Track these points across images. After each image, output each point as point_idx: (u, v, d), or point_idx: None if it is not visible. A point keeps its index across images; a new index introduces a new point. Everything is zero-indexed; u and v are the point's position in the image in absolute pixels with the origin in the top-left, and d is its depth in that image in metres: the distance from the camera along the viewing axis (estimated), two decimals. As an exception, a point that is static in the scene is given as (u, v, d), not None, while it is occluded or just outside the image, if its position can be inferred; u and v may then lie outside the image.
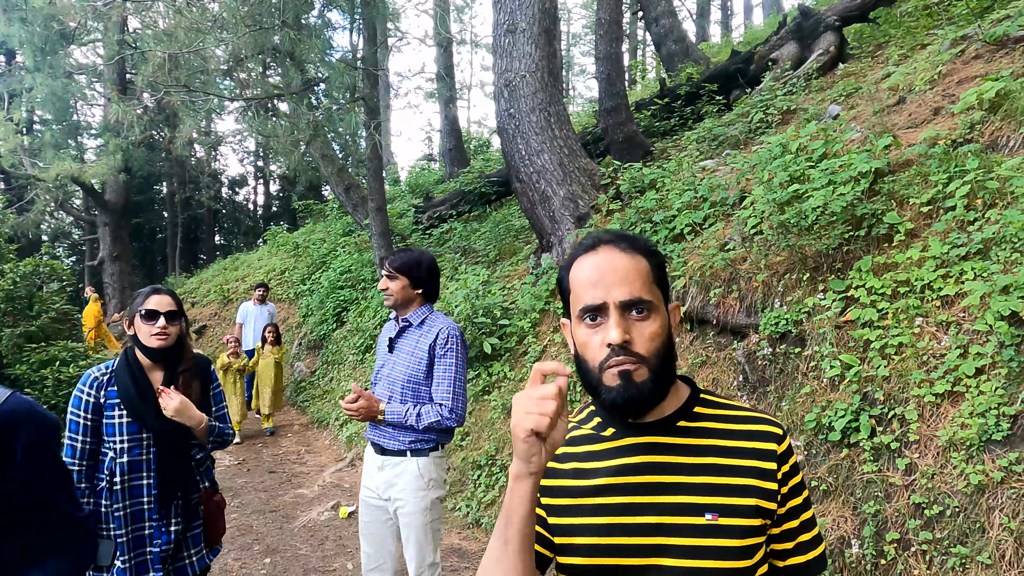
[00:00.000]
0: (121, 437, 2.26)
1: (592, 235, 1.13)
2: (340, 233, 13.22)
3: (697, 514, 1.03)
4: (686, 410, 1.11)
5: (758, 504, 1.05)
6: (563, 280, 1.13)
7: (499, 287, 6.78)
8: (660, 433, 1.09)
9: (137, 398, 2.27)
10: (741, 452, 1.07)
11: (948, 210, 3.39)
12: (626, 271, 1.05)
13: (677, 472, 1.06)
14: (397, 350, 2.81)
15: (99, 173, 16.79)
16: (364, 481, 2.85)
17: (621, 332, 1.00)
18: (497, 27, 6.65)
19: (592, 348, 1.04)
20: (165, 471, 2.32)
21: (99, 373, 2.32)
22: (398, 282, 2.79)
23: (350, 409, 2.65)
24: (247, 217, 31.82)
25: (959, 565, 2.40)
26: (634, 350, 1.01)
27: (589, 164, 6.67)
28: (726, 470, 1.06)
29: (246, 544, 4.69)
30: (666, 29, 11.96)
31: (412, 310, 2.83)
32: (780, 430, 1.11)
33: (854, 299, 3.40)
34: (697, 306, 4.36)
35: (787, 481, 1.08)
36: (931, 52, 5.72)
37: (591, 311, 1.04)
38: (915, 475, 2.69)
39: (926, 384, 2.84)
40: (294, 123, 7.30)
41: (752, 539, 1.04)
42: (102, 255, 19.03)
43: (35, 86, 15.03)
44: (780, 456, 1.08)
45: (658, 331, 1.04)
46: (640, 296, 1.03)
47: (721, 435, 1.09)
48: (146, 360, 2.33)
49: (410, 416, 2.67)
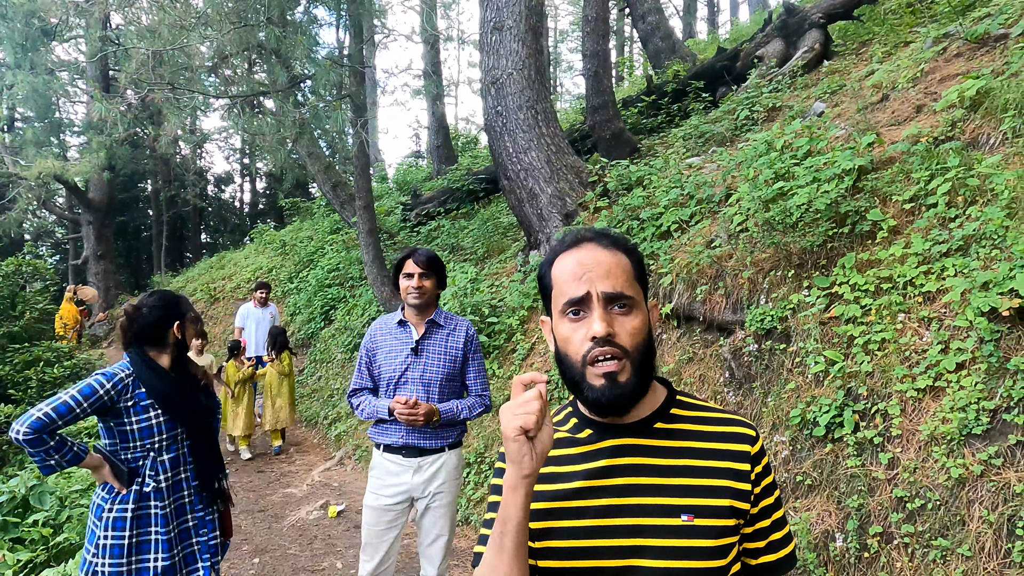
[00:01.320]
0: (160, 436, 2.35)
1: (573, 232, 1.14)
2: (327, 231, 13.16)
3: (673, 515, 1.04)
4: (663, 411, 1.12)
5: (732, 504, 1.06)
6: (544, 276, 1.13)
7: (487, 284, 6.79)
8: (637, 435, 1.09)
9: (173, 395, 2.37)
10: (715, 454, 1.09)
11: (930, 207, 3.43)
12: (609, 266, 1.06)
13: (654, 474, 1.06)
14: (425, 352, 2.79)
15: (82, 171, 16.62)
16: (376, 488, 2.80)
17: (605, 325, 1.01)
18: (484, 24, 6.65)
19: (575, 342, 1.04)
20: (202, 462, 2.46)
21: (124, 374, 2.31)
22: (431, 280, 2.80)
23: (413, 415, 2.64)
24: (233, 215, 31.58)
25: (940, 558, 2.43)
26: (618, 343, 1.02)
27: (576, 162, 6.68)
28: (701, 471, 1.07)
29: (235, 544, 4.67)
30: (653, 26, 11.99)
31: (435, 310, 2.85)
32: (753, 431, 1.12)
33: (838, 296, 3.44)
34: (684, 303, 4.39)
35: (760, 481, 1.10)
36: (914, 50, 5.78)
37: (574, 304, 1.05)
38: (897, 469, 2.73)
39: (908, 379, 2.87)
40: (280, 121, 7.25)
41: (726, 539, 1.05)
42: (86, 254, 18.84)
43: (16, 83, 14.82)
44: (753, 457, 1.10)
45: (640, 326, 1.05)
46: (623, 291, 1.05)
47: (696, 437, 1.10)
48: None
49: (462, 411, 2.78)
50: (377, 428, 2.83)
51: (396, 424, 2.74)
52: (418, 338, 2.79)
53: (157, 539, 2.34)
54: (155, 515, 2.34)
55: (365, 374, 2.87)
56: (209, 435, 2.52)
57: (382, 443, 2.80)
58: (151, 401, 2.32)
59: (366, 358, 2.87)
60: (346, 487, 5.88)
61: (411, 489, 2.76)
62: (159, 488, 2.35)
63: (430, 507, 2.79)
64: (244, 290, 13.88)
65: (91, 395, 2.25)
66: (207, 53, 9.01)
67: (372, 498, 2.80)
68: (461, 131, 23.64)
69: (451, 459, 2.82)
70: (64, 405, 2.21)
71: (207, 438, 2.50)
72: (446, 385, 2.79)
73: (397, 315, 2.86)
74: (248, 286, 13.85)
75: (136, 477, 2.33)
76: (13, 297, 9.28)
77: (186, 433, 2.43)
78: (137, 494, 2.32)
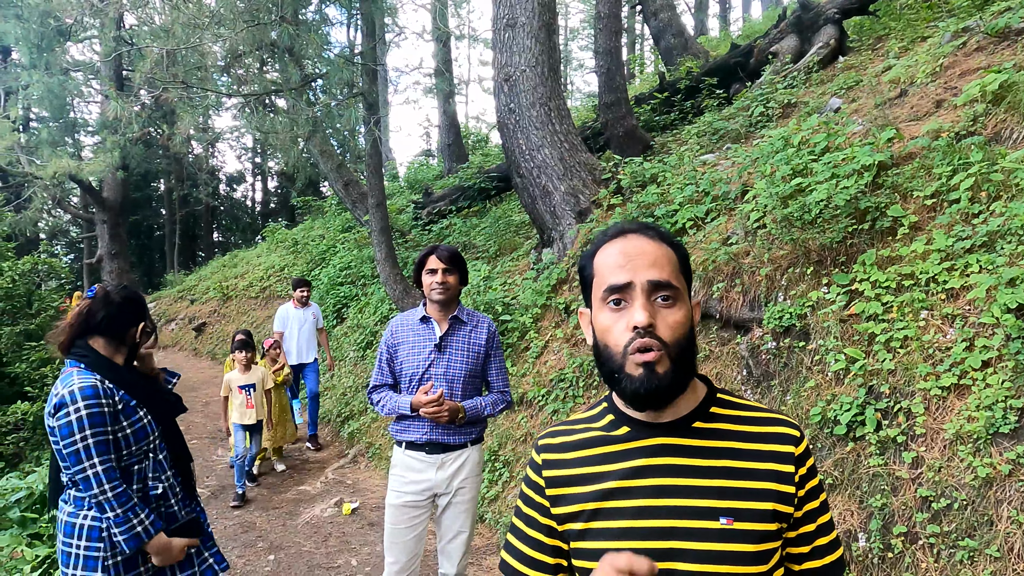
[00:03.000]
0: (155, 434, 2.25)
1: (618, 224, 1.11)
2: (339, 229, 13.19)
3: (711, 518, 1.00)
4: (702, 410, 1.09)
5: (775, 508, 1.02)
6: (586, 267, 1.11)
7: (500, 282, 6.77)
8: (675, 434, 1.06)
9: (152, 391, 2.29)
10: (758, 455, 1.05)
11: (952, 203, 3.38)
12: (655, 255, 1.03)
13: (691, 475, 1.03)
14: (449, 348, 2.78)
15: (96, 170, 16.72)
16: (399, 486, 2.78)
17: (647, 314, 0.98)
18: (497, 21, 6.63)
19: (615, 332, 1.02)
20: (179, 454, 2.37)
21: (94, 380, 2.09)
22: (455, 276, 2.79)
23: (438, 411, 2.63)
24: (245, 214, 31.77)
25: (967, 558, 2.39)
26: (658, 335, 0.99)
27: (590, 159, 6.65)
28: (742, 473, 1.03)
29: (249, 541, 4.69)
30: (665, 23, 11.92)
31: (457, 306, 2.84)
32: (797, 432, 1.08)
33: (858, 293, 3.40)
34: (700, 300, 4.34)
35: (804, 484, 1.06)
36: (932, 45, 5.70)
37: (617, 291, 1.02)
38: (922, 468, 2.69)
39: (932, 377, 2.83)
40: (293, 119, 7.26)
41: (767, 544, 1.01)
42: (100, 253, 18.99)
43: (31, 83, 14.94)
44: (797, 458, 1.06)
45: (682, 320, 1.02)
46: (669, 280, 1.02)
47: (737, 437, 1.07)
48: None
49: (485, 408, 2.78)
50: (399, 425, 2.81)
51: (419, 421, 2.73)
52: (442, 334, 2.78)
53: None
54: (163, 516, 2.22)
55: (386, 370, 2.85)
56: (176, 424, 2.41)
57: (404, 440, 2.78)
58: (136, 401, 2.18)
59: (387, 355, 2.84)
60: (360, 485, 5.89)
61: (434, 486, 2.75)
62: (168, 487, 2.26)
63: (452, 503, 2.78)
64: (256, 288, 13.94)
65: (101, 419, 2.05)
66: (220, 52, 9.05)
67: (394, 496, 2.78)
68: (472, 129, 23.64)
69: (473, 455, 2.82)
70: (101, 445, 2.03)
71: (175, 428, 2.40)
72: (469, 381, 2.78)
73: (419, 311, 2.84)
74: (261, 284, 13.90)
75: (134, 485, 2.16)
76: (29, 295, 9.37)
77: (161, 428, 2.30)
78: (142, 501, 2.17)
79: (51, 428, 2.07)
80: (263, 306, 13.31)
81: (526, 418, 5.16)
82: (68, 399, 2.02)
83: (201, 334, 14.62)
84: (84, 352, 2.15)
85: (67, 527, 2.11)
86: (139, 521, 2.07)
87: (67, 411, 2.01)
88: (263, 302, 13.46)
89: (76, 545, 2.08)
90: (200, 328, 14.73)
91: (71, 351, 2.16)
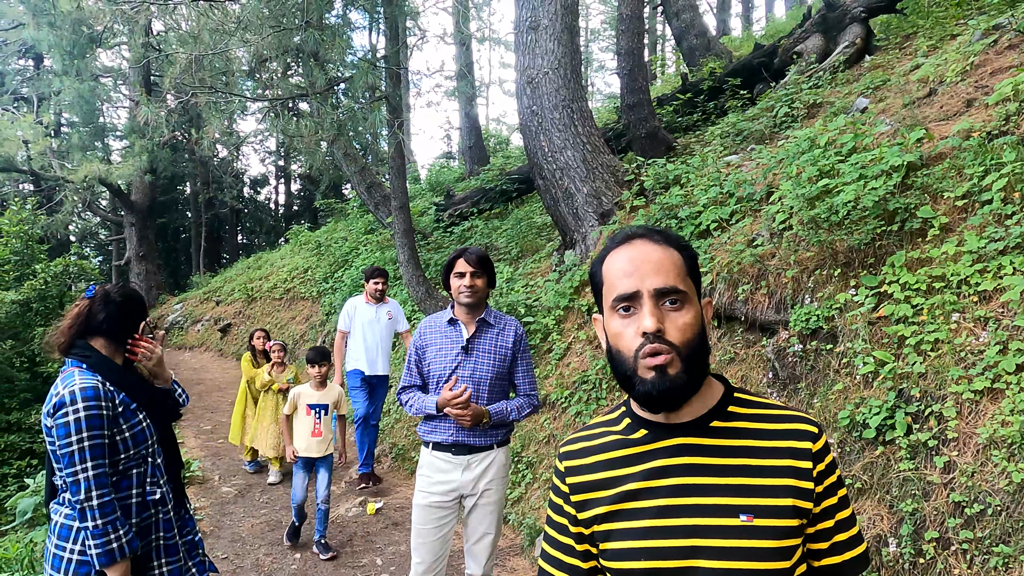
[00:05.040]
0: (153, 439, 2.18)
1: (625, 230, 1.14)
2: (362, 231, 13.31)
3: (731, 515, 1.02)
4: (720, 409, 1.10)
5: (794, 504, 1.03)
6: (596, 274, 1.14)
7: (522, 284, 6.79)
8: (693, 434, 1.08)
9: (152, 397, 2.22)
10: (776, 452, 1.06)
11: (984, 204, 3.32)
12: (660, 261, 1.06)
13: (711, 473, 1.05)
14: (476, 350, 2.79)
15: (125, 174, 17.08)
16: (425, 486, 2.80)
17: (655, 320, 1.01)
18: (519, 24, 6.65)
19: (626, 338, 1.04)
20: (171, 461, 2.30)
21: (96, 382, 2.03)
22: (483, 279, 2.80)
23: (462, 414, 2.65)
24: (269, 216, 32.17)
25: (1002, 564, 2.35)
26: (668, 339, 1.01)
27: (612, 160, 6.64)
28: (761, 471, 1.05)
29: (275, 540, 4.75)
30: (687, 23, 11.86)
31: (485, 308, 2.85)
32: (815, 428, 1.09)
33: (887, 295, 3.36)
34: (725, 302, 4.33)
35: (822, 480, 1.07)
36: (961, 43, 5.61)
37: (625, 300, 1.05)
38: (954, 473, 2.65)
39: (964, 381, 2.79)
40: (318, 122, 7.35)
41: (789, 540, 1.02)
42: (128, 255, 19.36)
43: (63, 89, 15.31)
44: (815, 454, 1.07)
45: (691, 322, 1.04)
46: (675, 285, 1.04)
47: (755, 435, 1.08)
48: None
49: (511, 412, 2.78)
50: (427, 426, 2.83)
51: (446, 421, 2.75)
52: (469, 336, 2.79)
53: (161, 545, 2.18)
54: (160, 521, 2.17)
55: (415, 372, 2.88)
56: (171, 430, 2.37)
57: (431, 441, 2.80)
58: (137, 404, 2.12)
59: (415, 356, 2.86)
60: (383, 485, 5.93)
61: (460, 487, 2.76)
62: (163, 494, 2.17)
63: (478, 505, 2.79)
64: (280, 290, 14.09)
65: (99, 422, 1.98)
66: (245, 57, 9.18)
67: (421, 497, 2.80)
68: (493, 132, 23.71)
69: (500, 457, 2.83)
70: (96, 449, 1.96)
71: (171, 434, 2.36)
72: (496, 384, 2.80)
73: (447, 314, 2.86)
74: (285, 285, 14.05)
75: (132, 489, 2.10)
76: (61, 296, 9.59)
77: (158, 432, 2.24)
78: (139, 506, 2.11)
79: (47, 428, 2.01)
80: (287, 307, 13.46)
81: (549, 420, 5.16)
82: (68, 399, 1.96)
83: (226, 335, 14.83)
84: (87, 352, 2.10)
85: (63, 530, 2.04)
86: (116, 537, 1.97)
87: (66, 411, 1.95)
88: (287, 303, 13.62)
89: (70, 549, 2.02)
90: (225, 329, 14.93)
91: (71, 352, 2.11)
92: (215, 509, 5.38)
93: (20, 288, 10.22)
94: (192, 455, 6.81)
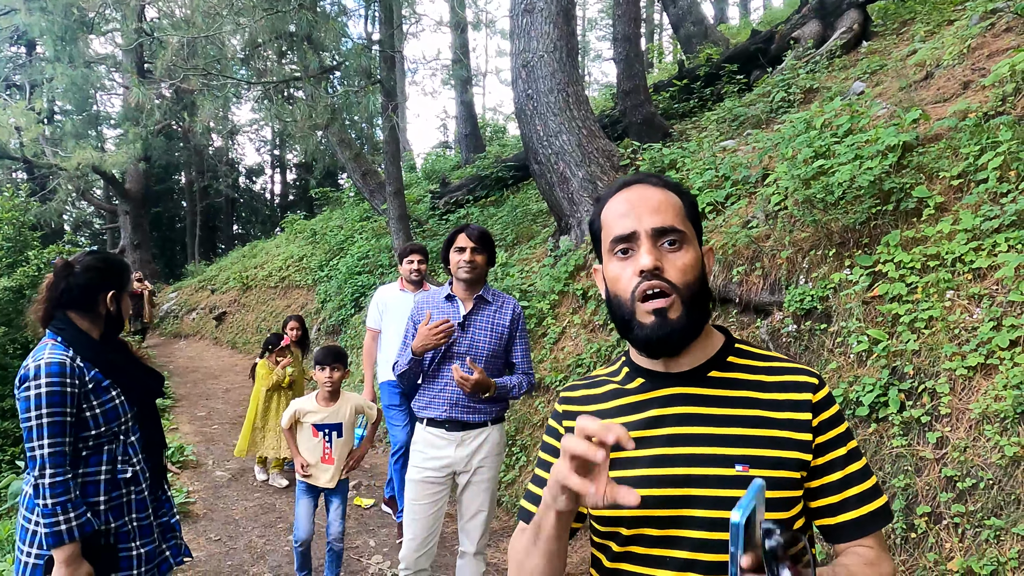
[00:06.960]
0: (127, 416, 2.10)
1: (623, 177, 1.13)
2: (357, 219, 13.26)
3: (727, 465, 1.00)
4: (719, 359, 1.08)
5: (791, 456, 1.01)
6: (595, 221, 1.12)
7: (517, 270, 6.77)
8: (690, 384, 1.06)
9: (131, 371, 2.15)
10: (775, 404, 1.04)
11: (980, 183, 3.31)
12: (658, 202, 1.04)
13: (707, 423, 1.03)
14: (472, 327, 2.77)
15: (119, 162, 16.97)
16: (419, 462, 2.80)
17: (653, 258, 0.99)
18: (514, 7, 6.59)
19: (623, 280, 1.03)
20: (153, 439, 2.24)
21: (64, 358, 1.96)
22: (483, 256, 2.79)
23: (467, 381, 2.62)
24: (264, 205, 32.06)
25: (993, 537, 2.36)
26: (666, 277, 1.00)
27: (608, 145, 6.61)
28: (759, 422, 1.03)
29: (270, 522, 4.75)
30: (684, 10, 11.80)
31: (483, 286, 2.83)
32: (816, 379, 1.07)
33: (882, 274, 3.35)
34: (719, 285, 4.32)
35: (824, 431, 1.04)
36: (959, 27, 5.59)
37: (622, 241, 1.03)
38: (946, 448, 2.65)
39: (958, 357, 2.78)
40: (312, 107, 7.30)
41: (785, 492, 1.00)
42: (123, 243, 19.27)
43: (55, 76, 15.18)
44: (815, 406, 1.04)
45: (691, 263, 1.02)
46: (673, 225, 1.02)
47: (755, 387, 1.06)
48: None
49: (513, 388, 2.78)
50: (421, 402, 2.82)
51: (440, 396, 2.74)
52: (466, 313, 2.78)
53: (134, 527, 2.10)
54: (133, 502, 2.10)
55: (409, 348, 2.86)
56: (154, 408, 2.30)
57: (425, 416, 2.80)
58: (110, 381, 2.04)
59: (412, 331, 2.84)
60: (376, 470, 5.93)
61: (454, 463, 2.76)
62: (136, 473, 2.11)
63: (471, 482, 2.79)
64: (276, 278, 14.04)
65: (60, 399, 1.91)
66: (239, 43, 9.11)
67: (415, 472, 2.80)
68: (489, 121, 23.62)
69: (494, 434, 2.82)
70: (55, 427, 1.89)
71: (153, 412, 2.28)
72: (491, 361, 2.78)
73: (445, 289, 2.85)
74: (280, 274, 14.00)
75: (102, 466, 2.03)
76: (54, 283, 9.50)
77: (137, 410, 2.16)
78: (109, 483, 2.03)
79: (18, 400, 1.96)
80: (282, 295, 13.42)
81: (543, 403, 5.16)
82: (32, 373, 1.91)
83: (221, 323, 14.79)
84: (62, 325, 2.04)
85: (30, 500, 1.99)
86: (66, 519, 1.88)
87: (28, 385, 1.90)
88: (282, 291, 13.57)
89: (35, 522, 1.97)
90: (220, 317, 14.89)
91: (51, 325, 2.05)
92: (208, 492, 5.37)
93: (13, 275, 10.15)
94: (186, 440, 6.80)
